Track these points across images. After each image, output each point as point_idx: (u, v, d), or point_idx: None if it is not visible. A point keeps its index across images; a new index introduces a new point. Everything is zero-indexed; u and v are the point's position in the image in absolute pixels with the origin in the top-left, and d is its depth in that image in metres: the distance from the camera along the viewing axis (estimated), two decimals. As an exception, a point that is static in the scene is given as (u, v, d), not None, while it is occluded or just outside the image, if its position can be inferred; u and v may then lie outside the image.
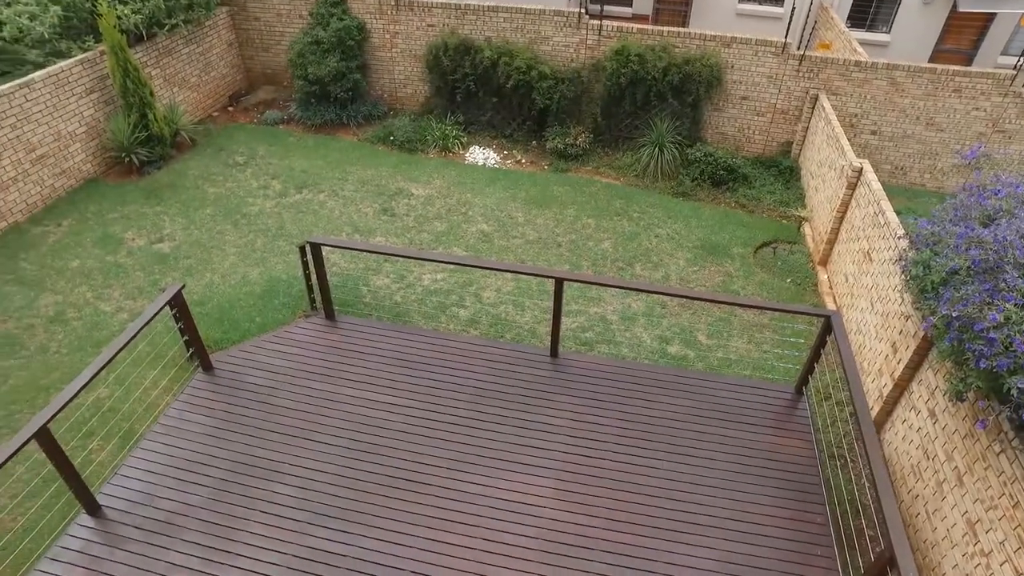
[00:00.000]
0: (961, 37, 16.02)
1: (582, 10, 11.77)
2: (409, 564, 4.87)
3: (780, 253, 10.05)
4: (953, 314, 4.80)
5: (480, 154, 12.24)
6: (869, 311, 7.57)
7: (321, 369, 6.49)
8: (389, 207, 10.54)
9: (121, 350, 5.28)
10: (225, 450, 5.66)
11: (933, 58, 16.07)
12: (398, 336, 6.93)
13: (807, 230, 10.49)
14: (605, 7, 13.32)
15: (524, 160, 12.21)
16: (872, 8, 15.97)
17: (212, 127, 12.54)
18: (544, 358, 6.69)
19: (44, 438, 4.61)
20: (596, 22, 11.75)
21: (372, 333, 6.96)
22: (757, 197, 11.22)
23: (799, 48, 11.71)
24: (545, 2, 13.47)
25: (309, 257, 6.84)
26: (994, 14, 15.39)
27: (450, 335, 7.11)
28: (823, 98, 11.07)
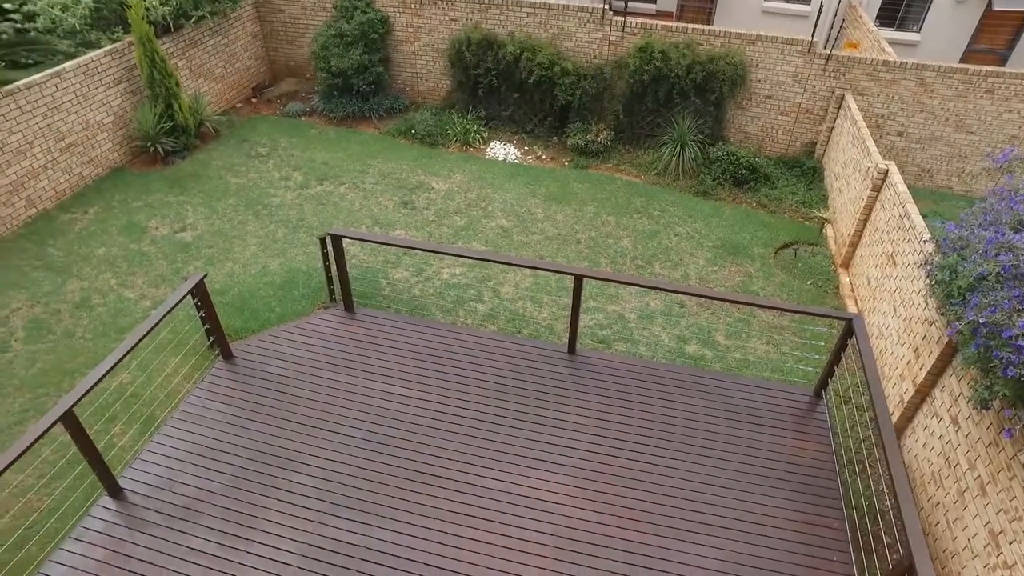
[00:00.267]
0: (996, 37, 15.68)
1: (606, 6, 11.70)
2: (424, 556, 4.90)
3: (801, 254, 9.94)
4: (980, 320, 4.72)
5: (501, 149, 12.23)
6: (891, 315, 7.47)
7: (340, 360, 6.54)
8: (409, 200, 10.58)
9: (144, 337, 5.37)
10: (244, 438, 5.73)
11: (964, 58, 15.75)
12: (416, 329, 6.96)
13: (829, 232, 10.36)
14: (629, 4, 13.22)
15: (545, 156, 12.19)
16: (902, 7, 15.69)
17: (235, 118, 12.66)
18: (562, 355, 6.69)
19: (69, 421, 4.70)
20: (620, 18, 11.67)
21: (390, 326, 6.99)
22: (779, 197, 11.10)
23: (826, 47, 11.53)
24: (569, -3, 13.39)
25: (330, 249, 6.89)
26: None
27: (468, 329, 7.12)
28: (849, 98, 10.90)
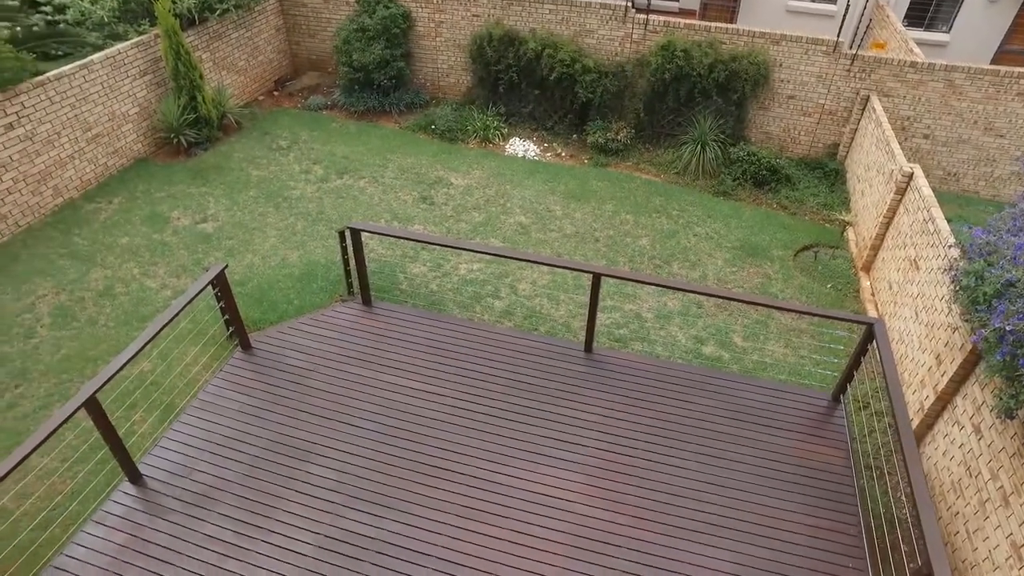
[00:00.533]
0: (1030, 37, 15.34)
1: (629, 4, 11.63)
2: (436, 550, 4.93)
3: (821, 257, 9.83)
4: (1007, 328, 4.64)
5: (520, 146, 12.22)
6: (913, 320, 7.36)
7: (357, 353, 6.59)
8: (428, 196, 10.61)
9: (165, 326, 5.44)
10: (261, 428, 5.80)
11: (996, 59, 15.43)
12: (433, 324, 6.99)
13: (851, 235, 10.23)
14: (652, 1, 13.13)
15: (564, 153, 12.15)
16: (931, 7, 15.41)
17: (257, 111, 12.77)
18: (578, 353, 6.68)
19: (92, 407, 4.79)
20: (643, 16, 11.59)
21: (407, 320, 7.03)
22: (800, 199, 10.98)
23: (851, 47, 11.37)
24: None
25: (349, 242, 6.93)
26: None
27: (484, 325, 7.14)
28: (874, 99, 10.75)
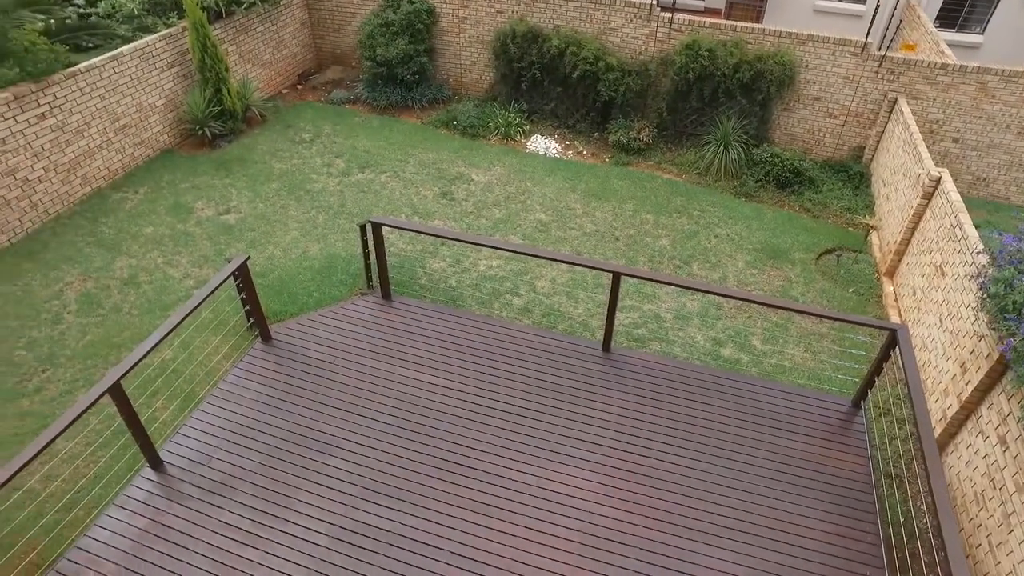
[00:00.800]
0: (1067, 40, 14.98)
1: (654, 2, 11.55)
2: (450, 545, 4.95)
3: (844, 261, 9.70)
4: (1035, 337, 4.55)
5: (542, 143, 12.20)
6: (937, 327, 7.24)
7: (375, 347, 6.63)
8: (449, 191, 10.63)
9: (187, 316, 5.52)
10: (279, 419, 5.86)
11: (1030, 63, 15.11)
12: (452, 320, 7.01)
13: (874, 239, 10.08)
14: (677, 0, 13.02)
15: (585, 151, 12.11)
16: (965, 8, 15.11)
17: (281, 104, 12.88)
18: (596, 352, 6.66)
19: (116, 393, 4.87)
20: (668, 15, 11.51)
21: (426, 315, 7.06)
22: (823, 202, 10.84)
23: (880, 48, 11.19)
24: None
25: (369, 236, 6.97)
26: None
27: (503, 322, 7.15)
28: (902, 102, 10.57)
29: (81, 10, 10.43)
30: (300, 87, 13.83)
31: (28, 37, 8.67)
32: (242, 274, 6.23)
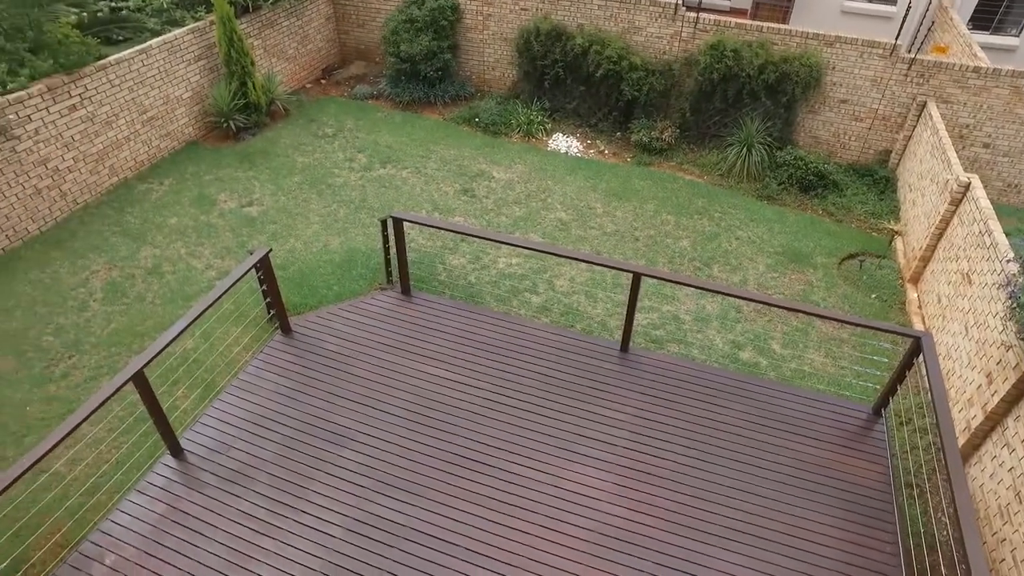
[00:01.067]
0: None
1: (679, 1, 11.46)
2: (463, 540, 4.97)
3: (867, 266, 9.56)
4: (1064, 349, 4.45)
5: (563, 142, 12.17)
6: (962, 336, 7.11)
7: (394, 342, 6.67)
8: (470, 188, 10.65)
9: (209, 307, 5.60)
10: (297, 411, 5.92)
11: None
12: (470, 316, 7.02)
13: (899, 245, 9.92)
14: (703, 0, 12.92)
15: (607, 151, 12.06)
16: (1000, 9, 14.77)
17: (305, 98, 12.99)
18: (614, 352, 6.64)
19: (139, 381, 4.96)
20: (693, 15, 11.41)
21: (445, 311, 7.08)
22: (847, 206, 10.69)
23: (910, 51, 11.00)
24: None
25: (390, 231, 7.01)
26: None
27: (521, 320, 7.15)
28: (931, 105, 10.38)
29: (112, 4, 10.60)
30: (324, 82, 13.93)
31: (62, 30, 8.84)
32: (263, 266, 6.30)
